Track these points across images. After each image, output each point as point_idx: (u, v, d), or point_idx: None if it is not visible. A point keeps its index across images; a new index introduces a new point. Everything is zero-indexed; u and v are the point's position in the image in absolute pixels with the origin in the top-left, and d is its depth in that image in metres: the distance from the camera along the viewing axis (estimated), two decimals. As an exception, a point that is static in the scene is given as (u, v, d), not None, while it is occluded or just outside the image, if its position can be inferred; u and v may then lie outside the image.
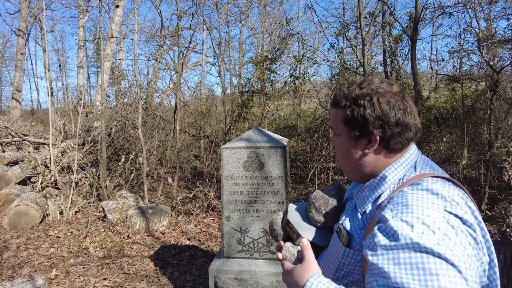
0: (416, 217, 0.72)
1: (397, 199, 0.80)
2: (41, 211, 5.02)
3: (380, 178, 0.91)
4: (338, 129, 0.95)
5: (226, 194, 2.80)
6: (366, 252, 0.76)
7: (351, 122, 0.90)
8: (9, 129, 7.60)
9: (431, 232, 0.69)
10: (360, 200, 0.94)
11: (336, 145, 0.98)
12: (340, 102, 0.93)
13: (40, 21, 12.77)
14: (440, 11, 5.24)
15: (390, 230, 0.73)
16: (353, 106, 0.89)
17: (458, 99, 6.92)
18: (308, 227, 1.06)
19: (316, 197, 1.06)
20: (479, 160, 5.48)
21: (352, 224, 0.92)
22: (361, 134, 0.90)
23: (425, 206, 0.74)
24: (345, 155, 0.95)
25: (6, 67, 27.54)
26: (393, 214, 0.76)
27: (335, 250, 0.93)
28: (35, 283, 2.54)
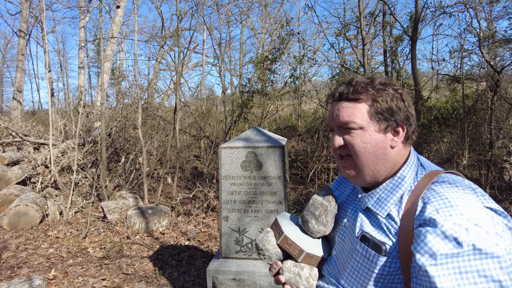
0: (467, 219, 0.71)
1: (435, 199, 0.78)
2: (41, 212, 5.02)
3: (398, 178, 0.89)
4: (359, 122, 0.88)
5: (224, 194, 2.79)
6: (420, 260, 0.72)
7: (380, 114, 0.88)
8: (9, 130, 7.61)
9: (485, 233, 0.69)
10: (377, 203, 0.89)
11: (354, 141, 0.89)
12: (361, 94, 0.89)
13: (41, 22, 12.80)
14: (440, 10, 5.22)
15: (448, 235, 0.71)
16: (381, 97, 0.88)
17: (458, 99, 6.90)
18: (309, 239, 0.97)
19: (315, 206, 0.97)
20: (479, 160, 5.45)
21: (377, 230, 0.87)
22: (389, 126, 0.88)
23: (469, 205, 0.74)
24: (370, 150, 0.88)
25: (7, 68, 27.63)
26: (442, 216, 0.73)
27: (363, 262, 0.87)
28: (32, 283, 2.53)
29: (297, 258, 0.93)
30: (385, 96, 0.88)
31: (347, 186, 1.10)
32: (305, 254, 0.92)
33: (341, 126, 0.91)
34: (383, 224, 0.86)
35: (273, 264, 0.97)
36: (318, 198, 0.98)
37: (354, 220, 0.94)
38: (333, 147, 0.92)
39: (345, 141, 0.90)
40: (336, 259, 0.97)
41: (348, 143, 0.89)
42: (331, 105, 0.95)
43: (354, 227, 0.93)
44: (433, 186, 0.82)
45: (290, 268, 0.93)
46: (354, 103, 0.89)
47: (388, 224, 0.85)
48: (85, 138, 7.38)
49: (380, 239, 0.84)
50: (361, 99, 0.89)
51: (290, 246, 0.94)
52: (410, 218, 0.80)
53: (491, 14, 6.22)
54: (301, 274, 0.93)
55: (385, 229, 0.85)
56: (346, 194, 1.07)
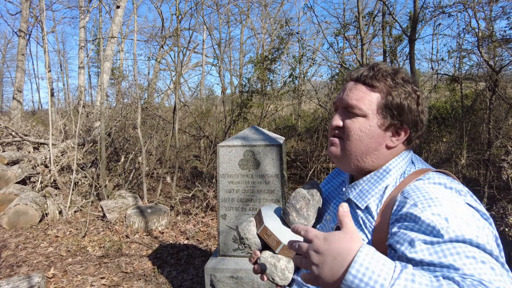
0: (447, 210, 0.69)
1: (414, 193, 0.75)
2: (40, 211, 5.03)
3: (383, 171, 0.87)
4: (364, 110, 0.85)
5: (222, 193, 2.81)
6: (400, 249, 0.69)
7: (388, 109, 0.84)
8: (9, 129, 7.63)
9: (466, 224, 0.67)
10: (358, 195, 0.88)
11: (352, 126, 0.86)
12: (379, 82, 0.85)
13: (41, 22, 12.82)
14: (439, 10, 5.23)
15: (426, 226, 0.68)
16: (396, 92, 0.84)
17: (457, 99, 6.91)
18: (289, 232, 0.94)
19: (296, 198, 0.96)
20: (478, 160, 5.47)
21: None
22: (392, 125, 0.85)
23: (450, 199, 0.73)
24: (364, 139, 0.85)
25: (7, 68, 27.66)
26: (420, 207, 0.71)
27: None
28: (31, 281, 2.54)
29: (275, 249, 0.92)
30: (401, 93, 0.84)
31: (337, 180, 1.08)
32: (282, 246, 0.91)
33: (346, 107, 0.88)
34: (360, 218, 0.84)
35: (252, 253, 0.96)
36: (302, 191, 0.97)
37: (334, 213, 0.93)
38: (331, 125, 0.91)
39: (344, 124, 0.88)
40: None
41: (346, 127, 0.87)
42: (345, 84, 0.92)
43: (333, 219, 0.92)
44: (416, 183, 0.80)
45: (267, 259, 0.92)
46: (368, 89, 0.86)
47: (365, 218, 0.83)
48: (85, 137, 7.40)
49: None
50: (376, 87, 0.85)
51: (269, 237, 0.92)
52: (387, 213, 0.79)
53: (490, 14, 6.23)
54: (277, 265, 0.91)
55: (361, 223, 0.83)
56: (333, 188, 1.06)
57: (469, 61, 6.87)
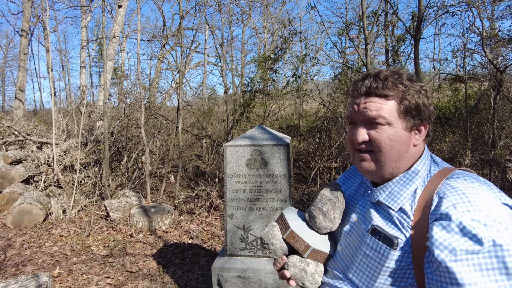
0: (486, 214, 0.71)
1: (451, 194, 0.77)
2: (44, 210, 5.03)
3: (412, 172, 0.88)
4: (388, 118, 0.86)
5: (229, 192, 2.80)
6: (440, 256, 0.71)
7: (408, 113, 0.87)
8: (12, 129, 7.63)
9: (504, 229, 0.69)
10: (389, 197, 0.88)
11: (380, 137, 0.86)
12: (390, 90, 0.87)
13: (43, 21, 12.82)
14: (443, 10, 5.22)
15: (466, 232, 0.70)
16: (410, 95, 0.87)
17: (461, 99, 6.90)
18: (315, 235, 0.96)
19: (323, 201, 0.96)
20: (482, 160, 5.46)
21: (388, 224, 0.86)
22: (415, 125, 0.88)
23: (487, 201, 0.73)
24: (396, 148, 0.86)
25: (9, 67, 27.68)
26: (459, 211, 0.73)
27: (373, 255, 0.85)
28: (38, 280, 2.54)
29: (303, 254, 0.92)
30: (414, 94, 0.87)
31: (354, 180, 1.09)
32: (311, 250, 0.91)
33: (368, 120, 0.88)
34: (395, 218, 0.85)
35: (278, 258, 0.96)
36: (327, 194, 0.97)
37: (364, 214, 0.93)
38: (356, 140, 0.89)
39: (370, 136, 0.88)
40: (342, 254, 0.95)
41: (375, 139, 0.87)
42: (355, 98, 0.92)
43: (363, 221, 0.92)
44: (448, 182, 0.81)
45: (296, 264, 0.92)
46: (383, 99, 0.87)
47: (401, 218, 0.84)
48: (88, 137, 7.40)
49: (392, 233, 0.83)
50: (390, 96, 0.87)
51: (297, 242, 0.92)
52: (424, 212, 0.80)
53: (494, 14, 6.22)
54: (306, 270, 0.91)
55: (397, 223, 0.84)
56: (353, 189, 1.06)
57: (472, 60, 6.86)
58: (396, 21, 7.10)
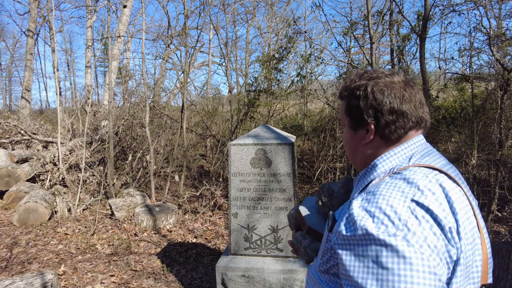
0: (379, 207, 0.72)
1: (370, 188, 0.80)
2: (50, 208, 5.07)
3: (370, 166, 0.89)
4: (343, 120, 0.97)
5: (234, 191, 2.80)
6: (333, 239, 0.79)
7: (350, 113, 0.92)
8: (18, 128, 7.70)
9: (390, 223, 0.69)
10: (354, 191, 0.93)
11: (343, 136, 1.00)
12: (342, 93, 0.95)
13: (49, 22, 12.93)
14: (450, 8, 5.17)
15: (351, 219, 0.74)
16: (351, 97, 0.91)
17: (467, 98, 6.83)
18: (317, 217, 1.10)
19: (322, 189, 1.10)
20: (489, 160, 5.40)
21: (341, 211, 0.91)
22: (359, 124, 0.91)
23: (392, 196, 0.73)
24: (347, 145, 0.97)
25: (16, 67, 27.96)
26: (360, 203, 0.76)
27: (324, 238, 0.93)
28: (44, 278, 2.56)
29: (303, 230, 1.09)
30: (360, 92, 0.88)
31: None
32: (307, 228, 1.07)
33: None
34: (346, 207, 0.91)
35: (292, 232, 1.16)
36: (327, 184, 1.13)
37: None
38: None
39: None
40: None
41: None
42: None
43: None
44: (386, 178, 0.81)
45: (297, 237, 1.09)
46: (342, 101, 0.97)
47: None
48: (93, 136, 7.44)
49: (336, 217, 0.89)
50: (344, 96, 0.95)
51: (301, 220, 1.11)
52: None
53: (501, 12, 6.15)
54: (302, 242, 1.06)
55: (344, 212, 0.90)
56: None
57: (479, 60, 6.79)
58: (401, 20, 7.05)
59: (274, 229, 2.76)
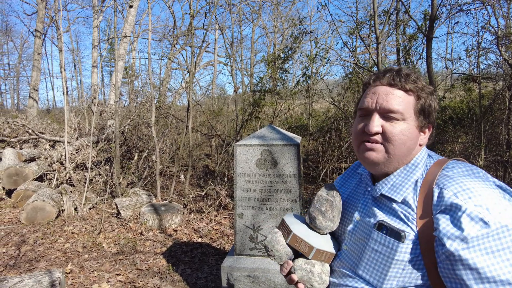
0: (486, 198, 0.76)
1: (450, 184, 0.81)
2: (57, 207, 5.12)
3: (412, 165, 0.92)
4: (405, 115, 0.88)
5: (239, 192, 2.80)
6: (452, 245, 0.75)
7: (422, 111, 0.91)
8: (26, 127, 7.79)
9: (504, 210, 0.75)
10: (391, 189, 0.90)
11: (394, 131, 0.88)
12: (412, 85, 0.90)
13: (56, 22, 13.06)
14: (457, 8, 5.13)
15: (473, 217, 0.74)
16: (428, 95, 0.91)
17: (474, 99, 6.77)
18: (317, 236, 0.98)
19: (320, 202, 0.98)
20: (496, 161, 5.34)
21: (393, 218, 0.88)
22: (424, 125, 0.92)
23: (483, 186, 0.79)
24: (406, 142, 0.89)
25: (24, 67, 28.27)
26: (462, 199, 0.77)
27: (382, 250, 0.87)
28: (52, 276, 2.59)
29: (308, 255, 0.93)
30: (429, 95, 0.92)
31: (352, 181, 1.12)
32: (315, 251, 0.93)
33: (385, 112, 0.89)
34: (399, 212, 0.87)
35: (284, 264, 0.97)
36: (323, 194, 0.99)
37: (367, 212, 0.95)
38: (369, 131, 0.89)
39: (384, 128, 0.89)
40: (348, 253, 0.97)
41: (388, 132, 0.88)
42: (374, 88, 0.93)
43: (367, 218, 0.94)
44: (445, 172, 0.86)
45: (302, 266, 0.93)
46: (404, 93, 0.90)
47: (404, 211, 0.86)
48: (99, 136, 7.50)
49: (398, 227, 0.85)
50: (410, 91, 0.90)
51: (300, 244, 0.94)
52: (427, 204, 0.83)
53: (509, 12, 6.07)
54: (313, 270, 0.93)
55: (402, 217, 0.86)
56: (351, 189, 1.09)
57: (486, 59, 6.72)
58: (408, 20, 7.00)
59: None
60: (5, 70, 28.53)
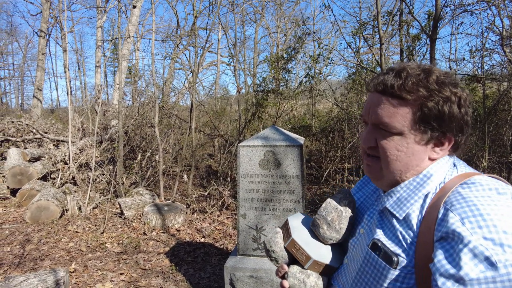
0: (503, 231, 0.59)
1: (460, 205, 0.65)
2: (61, 206, 5.16)
3: (423, 176, 0.76)
4: (399, 128, 0.74)
5: (242, 192, 2.81)
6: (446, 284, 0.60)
7: (426, 123, 0.73)
8: (31, 127, 7.85)
9: None
10: (396, 203, 0.77)
11: (387, 146, 0.76)
12: (409, 93, 0.73)
13: (60, 22, 13.14)
14: (461, 8, 5.11)
15: (477, 253, 0.58)
16: (433, 102, 0.72)
17: (478, 99, 6.74)
18: (318, 245, 0.89)
19: (328, 210, 0.89)
20: (500, 163, 5.32)
21: (391, 238, 0.75)
22: (433, 138, 0.74)
23: (504, 213, 0.61)
24: (403, 160, 0.75)
25: (28, 67, 28.46)
26: (468, 228, 0.61)
27: (372, 273, 0.76)
28: (56, 275, 2.61)
29: (304, 265, 0.87)
30: (438, 101, 0.72)
31: (369, 187, 1.00)
32: (312, 261, 0.86)
33: (377, 124, 0.78)
34: (398, 231, 0.74)
35: (279, 267, 0.90)
36: (332, 202, 0.90)
37: (370, 226, 0.84)
38: (362, 143, 0.81)
39: (378, 142, 0.78)
40: (347, 268, 0.87)
41: (381, 147, 0.77)
42: (370, 94, 0.81)
43: (368, 233, 0.83)
44: (460, 189, 0.69)
45: (296, 274, 0.87)
46: (399, 102, 0.74)
47: (404, 231, 0.73)
48: (103, 135, 7.54)
49: (393, 249, 0.73)
50: (407, 100, 0.73)
51: (297, 251, 0.87)
52: (429, 227, 0.68)
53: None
54: (306, 282, 0.86)
55: (400, 238, 0.73)
56: (365, 196, 0.98)
57: (490, 60, 6.70)
58: (411, 21, 6.98)
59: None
60: (9, 70, 28.75)
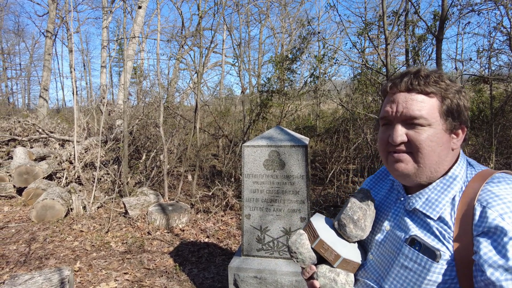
0: None
1: (495, 202, 0.73)
2: (66, 206, 5.19)
3: (449, 178, 0.84)
4: (429, 119, 0.82)
5: (247, 192, 2.80)
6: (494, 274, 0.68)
7: (449, 113, 0.83)
8: (37, 126, 7.91)
9: None
10: (426, 204, 0.84)
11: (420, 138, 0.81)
12: (433, 87, 0.82)
13: (66, 23, 13.24)
14: (468, 8, 5.06)
15: None
16: (452, 94, 0.83)
17: (485, 100, 6.67)
18: (344, 244, 0.94)
19: (353, 209, 0.94)
20: (508, 164, 5.25)
21: (427, 235, 0.81)
22: (454, 127, 0.84)
23: None
24: (436, 148, 0.82)
25: (35, 67, 28.73)
26: (509, 222, 0.69)
27: (413, 267, 0.82)
28: (61, 274, 2.62)
29: (333, 263, 0.90)
30: (455, 93, 0.83)
31: (383, 185, 1.05)
32: (341, 260, 0.89)
33: (407, 120, 0.83)
34: (435, 228, 0.80)
35: (307, 268, 0.94)
36: (357, 202, 0.95)
37: (398, 223, 0.89)
38: (394, 142, 0.84)
39: (409, 137, 0.83)
40: (375, 264, 0.93)
41: (414, 140, 0.82)
42: (393, 96, 0.87)
43: (398, 230, 0.88)
44: (489, 187, 0.77)
45: (326, 274, 0.90)
46: (425, 96, 0.83)
47: (441, 228, 0.80)
48: (107, 135, 7.58)
49: (433, 245, 0.79)
50: (432, 93, 0.83)
51: (326, 251, 0.90)
52: (467, 223, 0.75)
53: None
54: (337, 280, 0.89)
55: (437, 234, 0.80)
56: (383, 194, 1.03)
57: (497, 61, 6.63)
58: (417, 21, 6.92)
59: (286, 231, 2.75)
60: (17, 70, 29.04)
